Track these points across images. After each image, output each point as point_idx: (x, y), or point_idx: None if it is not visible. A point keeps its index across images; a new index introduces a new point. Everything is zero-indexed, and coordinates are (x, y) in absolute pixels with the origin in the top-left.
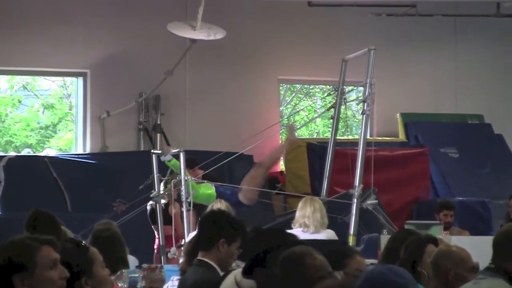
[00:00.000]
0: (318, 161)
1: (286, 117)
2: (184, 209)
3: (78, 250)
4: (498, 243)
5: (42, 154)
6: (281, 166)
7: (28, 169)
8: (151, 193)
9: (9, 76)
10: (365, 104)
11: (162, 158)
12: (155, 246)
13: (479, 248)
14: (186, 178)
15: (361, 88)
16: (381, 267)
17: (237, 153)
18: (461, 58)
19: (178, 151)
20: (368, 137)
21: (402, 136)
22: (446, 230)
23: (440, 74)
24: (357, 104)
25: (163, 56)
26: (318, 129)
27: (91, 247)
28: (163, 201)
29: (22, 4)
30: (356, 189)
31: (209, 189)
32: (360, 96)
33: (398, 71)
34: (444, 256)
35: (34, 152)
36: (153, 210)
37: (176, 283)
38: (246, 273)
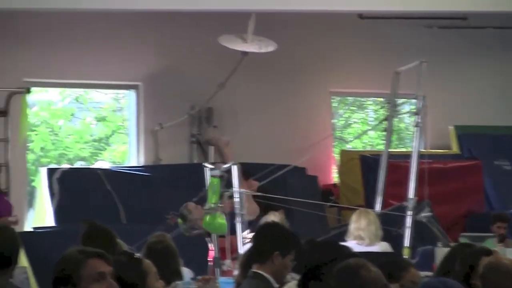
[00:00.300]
0: (372, 174)
1: (338, 129)
2: (237, 221)
3: (131, 262)
4: None
5: (96, 166)
6: (334, 178)
7: (82, 182)
8: (205, 205)
9: (62, 89)
10: (418, 116)
11: (213, 173)
12: (210, 258)
13: None
14: (239, 191)
15: (414, 101)
16: (434, 280)
17: (290, 165)
18: None
19: (230, 164)
20: (421, 149)
21: (455, 149)
22: (500, 243)
23: (492, 86)
24: (410, 117)
25: (215, 68)
26: (372, 141)
27: (144, 260)
28: None
29: (75, 17)
30: (410, 201)
31: (222, 219)
32: (413, 109)
33: (451, 83)
34: (493, 268)
35: (88, 165)
36: None
37: None
38: (301, 285)
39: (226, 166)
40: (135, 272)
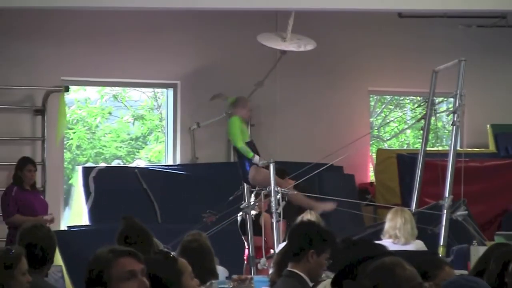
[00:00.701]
0: (408, 172)
1: (376, 128)
2: (274, 220)
3: (166, 261)
4: None
5: (132, 165)
6: (371, 177)
7: (118, 180)
8: (241, 204)
9: (99, 87)
10: (455, 115)
11: (255, 160)
12: (245, 257)
13: None
14: (276, 189)
15: (451, 99)
16: (457, 277)
17: (327, 164)
18: None
19: (268, 162)
20: (458, 148)
21: (492, 147)
22: None
23: None
24: (447, 115)
25: (253, 67)
26: (408, 140)
27: (179, 258)
28: (253, 212)
29: (113, 16)
30: (446, 200)
31: None
32: (450, 107)
33: (488, 82)
34: None
35: (124, 163)
36: (243, 220)
37: None
38: (335, 284)
39: (263, 161)
40: (170, 271)
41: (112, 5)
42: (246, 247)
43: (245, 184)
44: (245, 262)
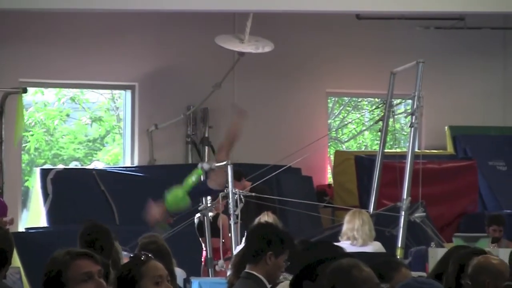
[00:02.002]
0: (366, 174)
1: (334, 130)
2: (232, 221)
3: (133, 262)
4: None
5: (90, 167)
6: (329, 179)
7: (76, 182)
8: (199, 206)
9: (57, 89)
10: (413, 117)
11: (202, 165)
12: (203, 259)
13: None
14: (234, 191)
15: (409, 101)
16: (410, 279)
17: (285, 166)
18: (510, 71)
19: (225, 164)
20: (416, 150)
21: (450, 149)
22: (494, 243)
23: (488, 87)
24: (405, 117)
25: (211, 69)
26: (366, 142)
27: (152, 262)
28: (210, 213)
29: (71, 17)
30: (404, 202)
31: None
32: (408, 109)
33: (447, 84)
34: (482, 268)
35: (82, 165)
36: (201, 222)
37: None
38: (295, 285)
39: (219, 164)
40: (133, 272)
41: (69, 7)
42: (204, 248)
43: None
44: (203, 264)
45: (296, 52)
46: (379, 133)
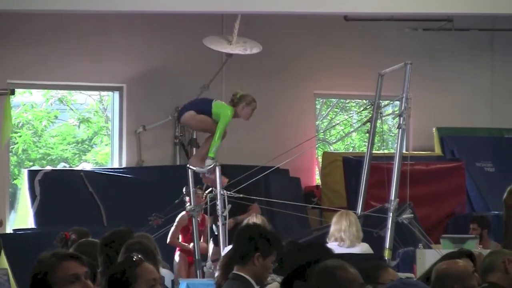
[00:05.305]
0: (354, 175)
1: (322, 131)
2: (220, 223)
3: (127, 263)
4: None
5: (78, 168)
6: (317, 180)
7: (64, 183)
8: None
9: (45, 90)
10: (401, 118)
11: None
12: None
13: None
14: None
15: (397, 102)
16: (396, 281)
17: (273, 167)
18: (497, 72)
19: (213, 165)
20: (404, 151)
21: (438, 150)
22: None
23: (476, 89)
24: (393, 118)
25: (199, 70)
26: (354, 143)
27: (145, 265)
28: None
29: (59, 18)
30: (392, 203)
31: None
32: (396, 110)
33: (435, 86)
34: (443, 274)
35: (70, 166)
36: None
37: None
38: (286, 285)
39: (209, 166)
40: (127, 274)
41: (58, 8)
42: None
43: (191, 187)
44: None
45: (284, 53)
46: (367, 135)
